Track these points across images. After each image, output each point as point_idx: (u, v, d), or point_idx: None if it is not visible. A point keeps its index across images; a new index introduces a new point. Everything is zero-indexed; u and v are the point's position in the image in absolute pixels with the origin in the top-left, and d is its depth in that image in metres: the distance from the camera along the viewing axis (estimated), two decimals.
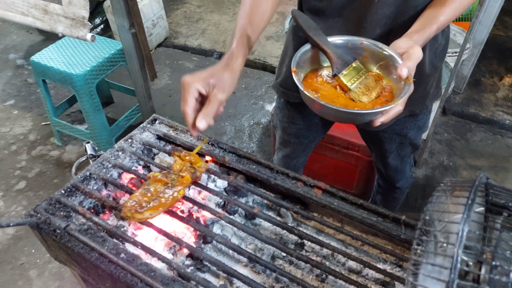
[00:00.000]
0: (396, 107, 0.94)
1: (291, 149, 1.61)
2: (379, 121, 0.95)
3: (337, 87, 1.01)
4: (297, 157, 1.65)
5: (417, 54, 0.92)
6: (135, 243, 0.90)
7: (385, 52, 0.99)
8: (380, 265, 0.93)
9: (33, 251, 2.27)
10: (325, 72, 1.06)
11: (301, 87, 0.93)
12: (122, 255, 0.87)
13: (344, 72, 0.99)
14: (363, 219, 0.91)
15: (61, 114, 2.88)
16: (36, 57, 2.50)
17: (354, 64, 1.00)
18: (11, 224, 0.86)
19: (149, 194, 0.89)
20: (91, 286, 1.11)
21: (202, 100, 0.95)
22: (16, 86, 3.40)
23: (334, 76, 0.99)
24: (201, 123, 0.92)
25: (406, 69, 0.89)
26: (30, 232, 2.43)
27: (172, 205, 0.93)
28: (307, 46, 1.04)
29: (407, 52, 0.93)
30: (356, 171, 2.36)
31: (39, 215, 0.95)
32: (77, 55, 2.54)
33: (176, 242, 0.90)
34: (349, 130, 2.26)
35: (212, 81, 0.95)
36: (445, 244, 0.56)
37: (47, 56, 2.52)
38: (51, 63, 2.46)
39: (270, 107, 3.16)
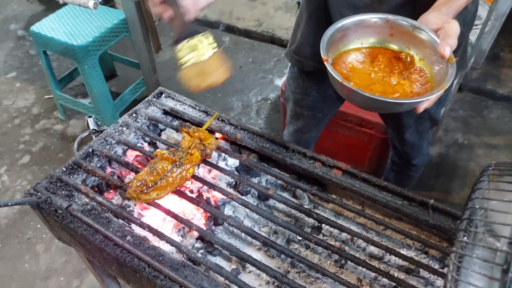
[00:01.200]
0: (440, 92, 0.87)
1: (303, 123, 1.53)
2: (422, 107, 0.87)
3: (371, 73, 0.92)
4: (309, 131, 1.57)
5: (455, 30, 0.82)
6: (142, 225, 0.84)
7: (417, 32, 0.89)
8: (404, 251, 0.86)
9: (38, 225, 2.25)
10: (353, 56, 0.97)
11: (338, 78, 0.83)
12: (129, 237, 0.82)
13: (182, 44, 0.87)
14: (388, 203, 0.84)
15: (64, 87, 2.80)
16: (36, 27, 2.39)
17: (194, 40, 0.88)
18: (9, 204, 0.80)
19: (155, 173, 0.82)
20: (97, 267, 1.07)
21: None
22: (18, 58, 3.30)
23: (174, 45, 0.86)
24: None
25: (448, 47, 0.80)
26: None
27: (181, 184, 0.86)
28: (332, 29, 0.94)
29: (443, 28, 0.83)
30: (369, 149, 2.29)
31: (39, 194, 0.89)
32: (78, 25, 2.43)
33: (185, 224, 0.84)
34: None
35: None
36: (491, 238, 0.49)
37: (47, 26, 2.41)
38: (52, 34, 2.35)
39: (280, 82, 3.05)
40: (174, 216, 0.85)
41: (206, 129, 0.99)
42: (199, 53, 0.87)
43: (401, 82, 0.94)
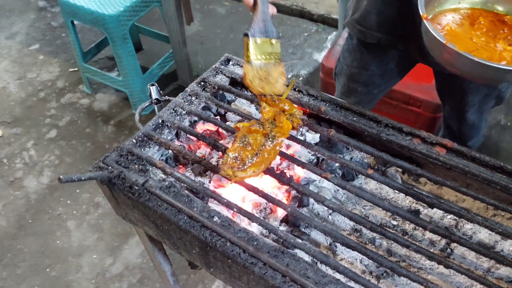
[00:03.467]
0: None
1: (355, 100, 1.42)
2: None
3: (473, 37, 0.80)
4: None
5: None
6: (229, 205, 0.74)
7: None
8: None
9: (69, 202, 2.19)
10: (449, 18, 0.85)
11: (442, 40, 0.72)
12: (216, 218, 0.72)
13: (259, 40, 0.82)
14: (508, 186, 0.74)
15: (89, 60, 2.69)
16: None
17: (273, 41, 0.84)
18: (83, 178, 0.71)
19: (249, 148, 0.72)
20: (160, 247, 0.98)
21: None
22: (40, 30, 3.18)
23: (245, 35, 0.82)
24: None
25: None
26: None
27: (274, 159, 0.76)
28: None
29: None
30: None
31: (110, 168, 0.79)
32: None
33: (276, 204, 0.75)
34: (411, 83, 2.04)
35: None
36: None
37: None
38: (81, 2, 2.23)
39: (320, 56, 2.90)
40: (264, 195, 0.76)
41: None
42: (267, 55, 0.83)
43: (507, 49, 0.83)
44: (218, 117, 1.00)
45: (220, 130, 0.93)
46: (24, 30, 3.17)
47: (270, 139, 0.74)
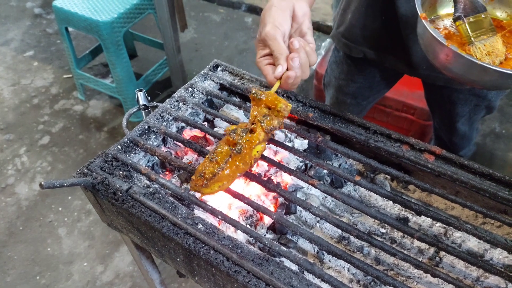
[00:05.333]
0: None
1: (345, 111, 1.41)
2: None
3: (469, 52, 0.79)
4: None
5: None
6: (214, 212, 0.73)
7: None
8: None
9: (60, 209, 2.17)
10: (447, 22, 0.84)
11: (443, 41, 0.71)
12: (200, 225, 0.71)
13: (472, 19, 0.76)
14: (497, 193, 0.73)
15: (83, 66, 2.68)
16: (59, 2, 2.27)
17: (483, 15, 0.77)
18: (65, 184, 0.70)
19: (214, 162, 0.70)
20: (148, 255, 0.97)
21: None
22: (35, 36, 3.18)
23: (456, 20, 0.77)
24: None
25: None
26: (57, 189, 2.32)
27: (245, 170, 0.74)
28: None
29: None
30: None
31: (94, 174, 0.78)
32: (102, 0, 2.31)
33: (263, 212, 0.73)
34: (404, 90, 2.04)
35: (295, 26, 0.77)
36: None
37: (70, 1, 2.28)
38: (75, 9, 2.23)
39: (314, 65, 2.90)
40: (249, 203, 0.75)
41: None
42: (482, 31, 0.77)
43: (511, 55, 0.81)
44: (206, 123, 0.99)
45: (208, 136, 0.92)
46: (19, 37, 3.17)
47: (236, 150, 0.71)
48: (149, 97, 0.99)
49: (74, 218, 2.13)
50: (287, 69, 0.75)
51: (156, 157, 0.87)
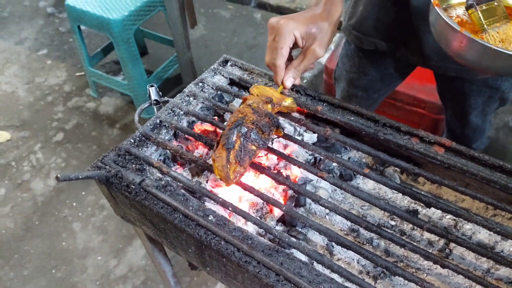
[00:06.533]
0: None
1: (356, 104, 1.42)
2: None
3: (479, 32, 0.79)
4: None
5: None
6: (224, 204, 0.74)
7: None
8: None
9: (74, 204, 2.21)
10: (459, 11, 0.84)
11: (456, 27, 0.71)
12: (211, 217, 0.73)
13: (484, 6, 0.76)
14: (507, 185, 0.72)
15: (95, 64, 2.73)
16: (71, 1, 2.30)
17: (496, 3, 0.77)
18: (80, 177, 0.72)
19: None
20: (160, 247, 0.99)
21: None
22: (48, 35, 3.24)
23: (469, 8, 0.76)
24: (289, 82, 0.87)
25: None
26: (71, 185, 2.36)
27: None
28: None
29: None
30: None
31: (108, 167, 0.80)
32: None
33: (273, 204, 0.75)
34: (415, 84, 2.02)
35: (314, 31, 0.80)
36: None
37: (82, 0, 2.32)
38: (87, 7, 2.26)
39: (323, 59, 2.90)
40: (259, 195, 0.76)
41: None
42: (495, 19, 0.77)
43: None
44: (216, 117, 1.01)
45: (218, 130, 0.93)
46: (33, 36, 3.23)
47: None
48: (160, 93, 1.00)
49: (88, 213, 2.17)
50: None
51: (168, 151, 0.89)
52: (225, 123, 0.97)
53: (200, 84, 0.99)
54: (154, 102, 0.99)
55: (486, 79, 1.18)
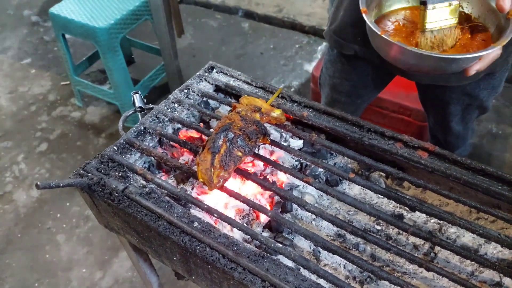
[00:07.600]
0: (496, 51, 0.77)
1: (340, 110, 1.43)
2: (474, 69, 0.79)
3: (417, 39, 0.81)
4: None
5: None
6: (210, 211, 0.73)
7: None
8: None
9: (58, 215, 2.16)
10: (399, 17, 0.87)
11: (376, 30, 0.74)
12: (196, 224, 0.72)
13: (436, 6, 0.78)
14: (489, 188, 0.73)
15: (81, 73, 2.70)
16: (56, 9, 2.28)
17: (450, 3, 0.77)
18: (61, 185, 0.70)
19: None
20: (146, 257, 0.97)
21: None
22: (33, 44, 3.20)
23: (422, 4, 0.78)
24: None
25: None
26: (55, 196, 2.31)
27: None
28: None
29: None
30: None
31: (90, 175, 0.79)
32: (99, 7, 2.32)
33: (258, 209, 0.74)
34: (400, 92, 2.05)
35: None
36: None
37: (67, 8, 2.30)
38: (71, 16, 2.24)
39: (310, 67, 2.93)
40: (245, 201, 0.75)
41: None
42: (447, 20, 0.78)
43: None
44: (202, 124, 1.00)
45: (204, 136, 0.92)
46: (17, 45, 3.19)
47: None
48: (145, 99, 1.00)
49: (73, 224, 2.13)
50: None
51: (152, 158, 0.88)
52: (211, 130, 0.96)
53: (186, 90, 0.99)
54: (139, 109, 0.98)
55: (464, 87, 1.20)
